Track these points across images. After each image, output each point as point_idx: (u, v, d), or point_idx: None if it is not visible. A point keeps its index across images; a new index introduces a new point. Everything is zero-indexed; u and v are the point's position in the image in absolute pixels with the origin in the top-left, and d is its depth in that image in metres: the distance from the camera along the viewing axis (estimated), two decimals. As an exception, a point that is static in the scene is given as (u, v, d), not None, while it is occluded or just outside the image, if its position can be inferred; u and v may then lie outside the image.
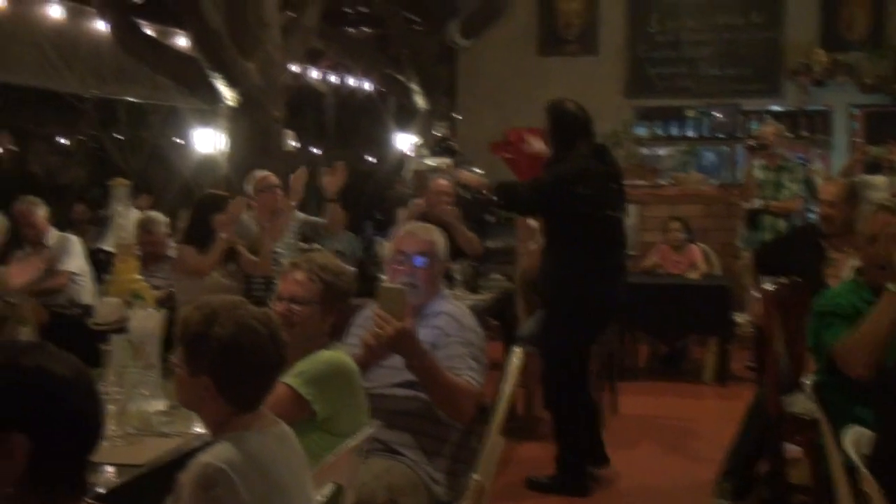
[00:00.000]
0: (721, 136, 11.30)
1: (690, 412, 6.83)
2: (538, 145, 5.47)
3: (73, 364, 1.77)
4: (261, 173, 6.33)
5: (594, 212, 5.18)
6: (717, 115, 11.25)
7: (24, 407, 1.70)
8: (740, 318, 7.40)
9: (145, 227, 6.57)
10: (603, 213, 5.22)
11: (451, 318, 3.51)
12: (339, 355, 3.06)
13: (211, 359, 2.30)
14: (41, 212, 6.62)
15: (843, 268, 4.59)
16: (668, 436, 6.23)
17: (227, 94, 7.31)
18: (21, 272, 4.20)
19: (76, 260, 6.63)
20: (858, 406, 3.45)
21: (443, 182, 7.16)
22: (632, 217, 8.38)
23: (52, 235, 6.69)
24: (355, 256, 8.01)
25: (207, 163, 9.05)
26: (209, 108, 8.31)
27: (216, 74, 7.24)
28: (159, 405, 3.20)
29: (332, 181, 6.44)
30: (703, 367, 7.65)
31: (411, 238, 3.67)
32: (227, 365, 2.30)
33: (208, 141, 9.00)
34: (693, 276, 7.76)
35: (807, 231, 6.04)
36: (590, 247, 5.21)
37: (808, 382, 3.97)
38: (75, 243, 6.78)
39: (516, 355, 3.85)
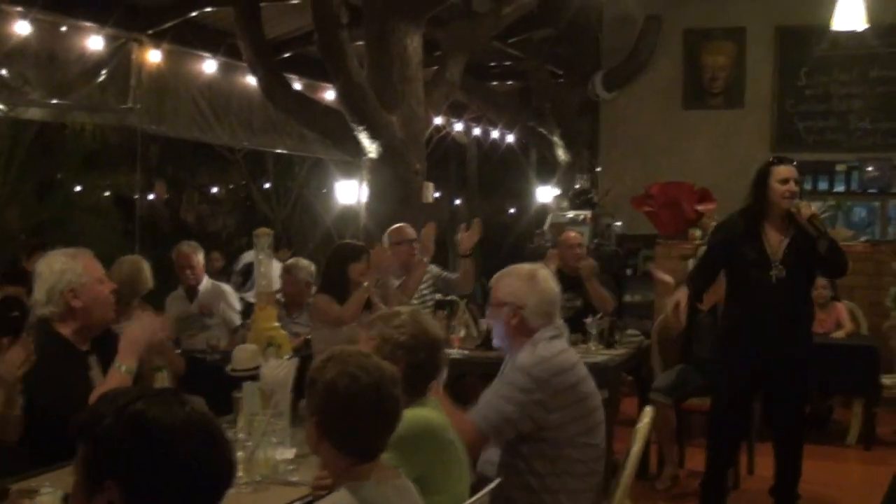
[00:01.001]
0: (872, 190, 10.96)
1: (832, 477, 6.58)
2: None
3: (188, 412, 1.72)
4: (397, 226, 6.44)
5: None
6: (869, 169, 10.92)
7: (117, 454, 1.67)
8: (888, 379, 7.13)
9: (290, 272, 6.76)
10: None
11: (517, 358, 3.51)
12: (420, 414, 2.91)
13: (317, 402, 2.37)
14: (200, 256, 6.89)
15: None
16: (807, 500, 6.01)
17: (370, 147, 7.48)
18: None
19: (226, 308, 6.87)
20: None
21: (573, 234, 7.16)
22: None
23: (206, 283, 6.94)
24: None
25: (348, 213, 9.26)
26: (352, 160, 8.52)
27: (360, 127, 7.42)
28: (287, 453, 3.26)
29: (467, 237, 6.49)
30: (848, 429, 7.38)
31: (495, 285, 3.66)
32: (328, 409, 2.37)
33: (350, 192, 9.21)
34: (838, 335, 7.51)
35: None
36: None
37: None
38: (229, 293, 7.03)
39: (647, 414, 3.80)
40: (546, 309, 3.57)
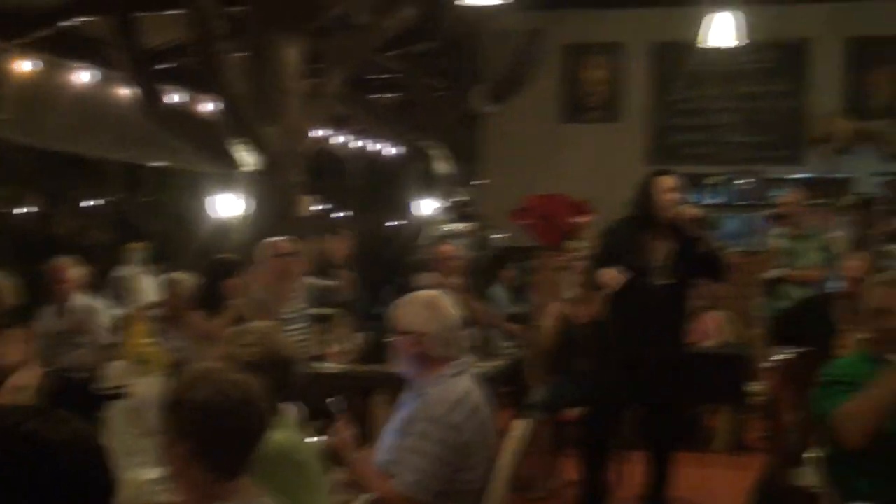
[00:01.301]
0: (743, 202, 11.29)
1: (700, 483, 6.73)
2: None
3: (73, 429, 1.74)
4: (273, 239, 6.38)
5: None
6: (740, 182, 11.25)
7: (22, 473, 1.67)
8: (755, 387, 7.33)
9: (172, 286, 6.63)
10: None
11: (426, 403, 3.35)
12: (281, 439, 2.81)
13: (189, 423, 2.32)
14: (73, 271, 6.72)
15: (852, 340, 4.56)
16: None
17: (248, 159, 7.40)
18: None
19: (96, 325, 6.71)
20: (863, 480, 3.42)
21: (448, 247, 7.21)
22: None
23: (79, 299, 6.77)
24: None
25: (227, 227, 9.14)
26: (230, 173, 8.42)
27: (237, 140, 7.34)
28: (153, 473, 3.19)
29: (338, 248, 6.45)
30: (715, 436, 7.57)
31: (397, 313, 3.51)
32: (204, 429, 2.31)
33: (228, 205, 9.10)
34: (708, 344, 7.71)
35: (819, 301, 6.01)
36: None
37: (812, 455, 3.91)
38: (100, 309, 6.87)
39: (517, 428, 3.83)
40: (448, 337, 3.43)
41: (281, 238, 6.44)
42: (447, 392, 3.34)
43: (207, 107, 8.70)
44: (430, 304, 3.47)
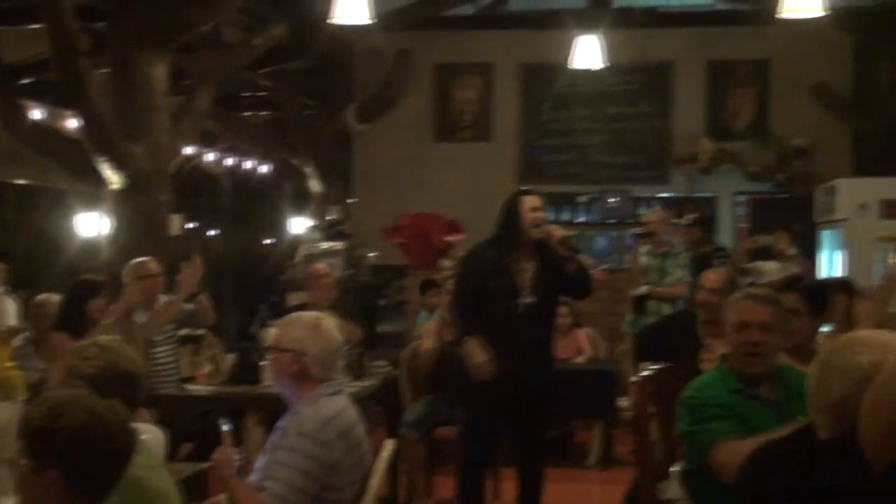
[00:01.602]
0: (611, 221, 11.52)
1: (573, 498, 6.84)
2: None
3: None
4: (140, 260, 6.25)
5: None
6: (608, 200, 11.48)
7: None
8: (624, 402, 7.46)
9: (39, 308, 6.40)
10: None
11: (298, 419, 3.36)
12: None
13: (60, 451, 2.25)
14: None
15: (716, 353, 4.65)
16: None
17: (113, 178, 7.23)
18: None
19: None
20: (726, 496, 3.49)
21: (321, 266, 7.17)
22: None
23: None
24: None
25: (91, 247, 8.92)
26: (96, 192, 8.21)
27: (102, 158, 7.16)
28: (9, 501, 3.08)
29: (187, 275, 6.29)
30: (588, 451, 7.70)
31: (278, 332, 3.54)
32: (78, 456, 2.26)
33: (93, 225, 8.89)
34: (579, 360, 7.83)
35: (683, 317, 6.14)
36: None
37: (675, 470, 3.99)
38: None
39: (386, 447, 3.82)
40: (329, 359, 3.45)
41: (147, 258, 6.31)
42: (319, 410, 3.36)
43: (72, 123, 8.46)
44: (314, 325, 3.48)
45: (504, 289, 5.33)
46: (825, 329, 5.91)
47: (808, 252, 9.75)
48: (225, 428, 3.48)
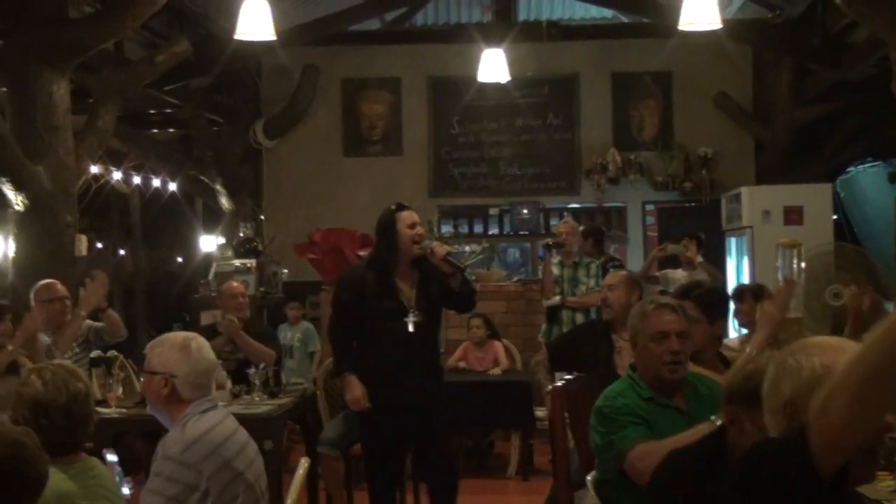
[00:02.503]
0: (523, 232, 11.62)
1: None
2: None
3: None
4: (46, 282, 6.12)
5: None
6: (520, 212, 11.57)
7: None
8: (541, 412, 7.52)
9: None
10: None
11: (164, 443, 3.34)
12: (52, 482, 2.68)
13: None
14: None
15: (628, 355, 4.69)
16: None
17: (15, 199, 7.06)
18: None
19: None
20: (633, 501, 3.54)
21: (235, 284, 7.09)
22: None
23: None
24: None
25: (-6, 270, 8.71)
26: (-2, 213, 8.02)
27: (2, 179, 6.99)
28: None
29: (90, 293, 6.19)
30: (508, 462, 7.73)
31: (149, 354, 3.50)
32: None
33: (-4, 247, 8.69)
34: (495, 372, 7.86)
35: (596, 324, 6.22)
36: None
37: (589, 479, 4.03)
38: None
39: (302, 465, 3.80)
40: (199, 380, 3.42)
41: (53, 281, 6.19)
42: (185, 432, 3.32)
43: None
44: (182, 346, 3.44)
45: (391, 309, 5.25)
46: (743, 333, 6.05)
47: (718, 259, 9.94)
48: (109, 458, 3.45)
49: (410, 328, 5.25)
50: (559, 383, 4.88)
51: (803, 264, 6.26)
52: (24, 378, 3.05)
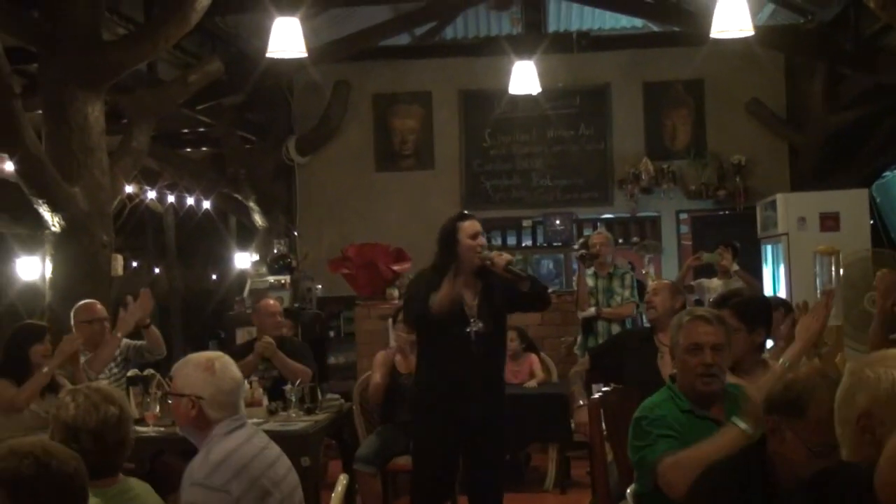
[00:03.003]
0: (557, 244, 11.58)
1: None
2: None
3: None
4: (85, 302, 6.18)
5: None
6: (553, 223, 11.54)
7: None
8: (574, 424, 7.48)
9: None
10: None
11: (190, 468, 3.33)
12: None
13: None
14: None
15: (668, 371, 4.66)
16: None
17: (52, 220, 7.13)
18: None
19: None
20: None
21: (271, 302, 7.12)
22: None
23: None
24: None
25: (32, 291, 8.78)
26: (35, 235, 8.09)
27: (39, 200, 7.06)
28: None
29: (135, 308, 6.24)
30: (545, 475, 7.69)
31: (174, 376, 3.51)
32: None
33: (33, 269, 8.75)
34: (531, 384, 7.83)
35: (637, 330, 6.21)
36: None
37: (629, 492, 4.00)
38: None
39: (340, 482, 3.79)
40: (225, 399, 3.40)
41: (92, 301, 6.25)
42: (209, 455, 3.32)
43: (8, 166, 8.33)
44: (207, 367, 3.42)
45: (453, 316, 5.17)
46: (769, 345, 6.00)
47: (754, 267, 9.86)
48: None
49: (472, 337, 5.19)
50: (597, 395, 4.85)
51: (841, 271, 6.19)
52: (60, 400, 3.06)
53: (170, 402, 3.51)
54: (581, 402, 5.65)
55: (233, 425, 3.40)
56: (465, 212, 5.52)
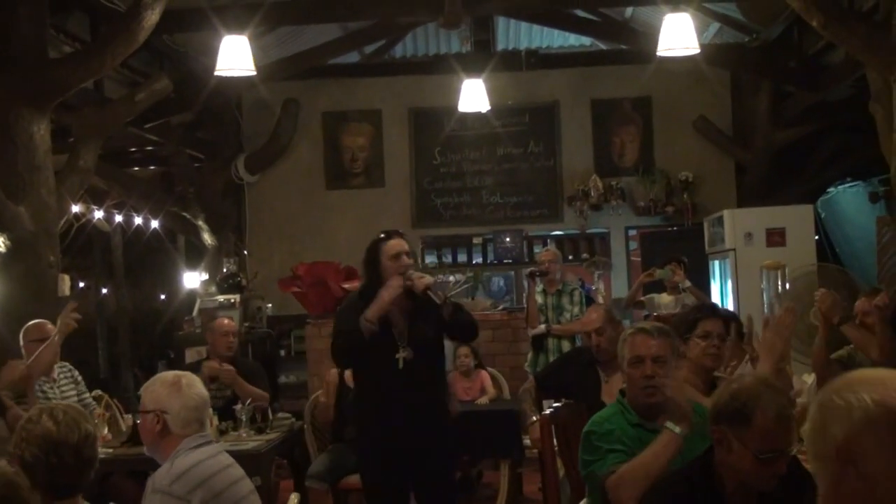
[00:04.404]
0: (507, 261, 11.62)
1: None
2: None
3: None
4: (36, 322, 6.12)
5: None
6: (503, 241, 11.58)
7: None
8: (529, 440, 7.49)
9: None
10: None
11: (153, 478, 3.39)
12: None
13: None
14: None
15: (617, 385, 4.69)
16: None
17: (-3, 241, 7.03)
18: None
19: None
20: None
21: (225, 321, 7.07)
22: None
23: None
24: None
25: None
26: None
27: (-16, 221, 6.96)
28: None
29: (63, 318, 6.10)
30: (497, 491, 7.68)
31: (143, 394, 3.59)
32: None
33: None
34: (482, 401, 7.83)
35: (581, 352, 6.22)
36: None
37: (583, 506, 4.02)
38: None
39: (292, 501, 3.79)
40: (190, 415, 3.48)
41: (43, 321, 6.18)
42: (173, 466, 3.39)
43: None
44: (173, 383, 3.52)
45: (380, 342, 4.87)
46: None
47: (702, 282, 9.96)
48: None
49: (400, 365, 4.89)
50: (548, 411, 4.87)
51: (787, 285, 6.28)
52: (35, 416, 3.04)
53: (138, 421, 3.57)
54: (534, 418, 5.66)
55: (198, 441, 3.47)
56: (392, 231, 5.15)
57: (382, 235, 5.05)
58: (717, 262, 10.38)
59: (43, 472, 2.92)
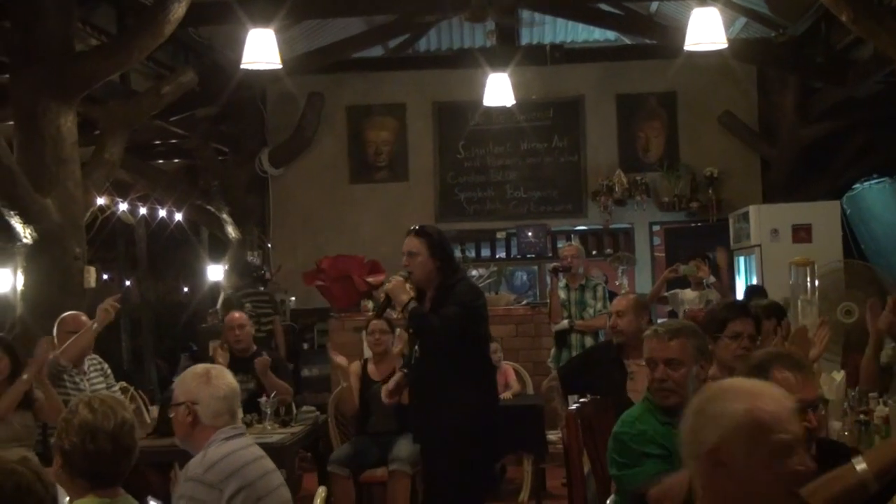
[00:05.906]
0: (530, 255, 11.60)
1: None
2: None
3: None
4: (71, 314, 6.17)
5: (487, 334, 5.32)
6: (526, 235, 11.55)
7: None
8: (553, 435, 7.48)
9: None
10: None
11: (187, 467, 3.46)
12: None
13: None
14: None
15: (641, 380, 4.67)
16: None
17: (23, 232, 7.06)
18: None
19: None
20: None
21: (236, 315, 7.09)
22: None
23: None
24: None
25: (1, 304, 8.69)
26: (7, 247, 8.01)
27: (11, 212, 6.99)
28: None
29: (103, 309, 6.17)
30: (520, 487, 7.68)
31: (175, 388, 3.65)
32: None
33: (4, 281, 8.67)
34: (506, 396, 7.81)
35: (606, 347, 6.19)
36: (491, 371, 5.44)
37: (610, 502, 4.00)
38: None
39: (319, 495, 3.80)
40: (220, 405, 3.53)
41: (77, 313, 6.23)
42: (206, 456, 3.44)
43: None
44: (203, 375, 3.58)
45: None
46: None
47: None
48: None
49: (413, 361, 5.22)
50: (573, 407, 4.85)
51: (816, 282, 6.23)
52: (73, 407, 3.06)
53: (171, 415, 3.61)
54: (560, 414, 5.64)
55: (232, 433, 3.53)
56: (415, 227, 5.27)
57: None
58: (742, 259, 10.32)
59: (81, 459, 2.94)
